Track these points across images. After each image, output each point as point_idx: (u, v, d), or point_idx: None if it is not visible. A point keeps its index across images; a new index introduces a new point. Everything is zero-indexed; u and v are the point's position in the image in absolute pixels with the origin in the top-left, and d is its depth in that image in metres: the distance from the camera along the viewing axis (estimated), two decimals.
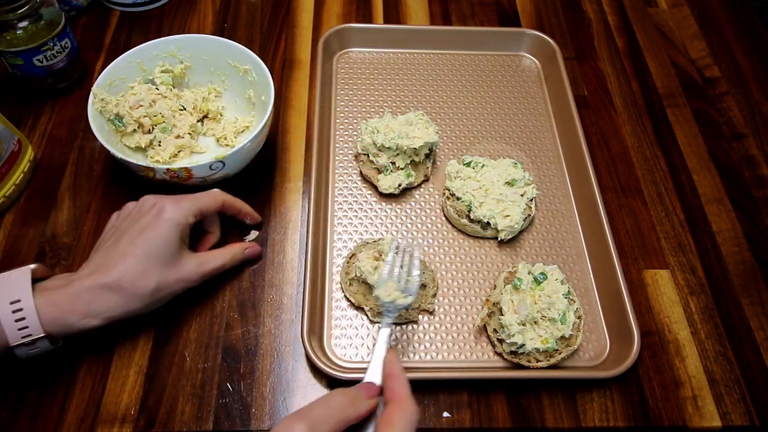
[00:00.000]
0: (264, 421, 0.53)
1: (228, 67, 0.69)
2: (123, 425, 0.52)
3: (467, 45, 0.83)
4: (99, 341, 0.56)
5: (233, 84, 0.71)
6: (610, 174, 0.72)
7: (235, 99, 0.72)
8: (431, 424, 0.54)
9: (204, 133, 0.70)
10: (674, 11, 0.92)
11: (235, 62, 0.68)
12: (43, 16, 0.67)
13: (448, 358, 0.57)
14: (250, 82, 0.68)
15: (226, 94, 0.72)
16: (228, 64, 0.69)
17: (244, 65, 0.67)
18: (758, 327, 0.61)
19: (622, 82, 0.82)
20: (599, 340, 0.60)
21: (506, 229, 0.63)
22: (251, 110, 0.70)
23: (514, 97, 0.79)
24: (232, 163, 0.60)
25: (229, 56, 0.68)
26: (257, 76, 0.66)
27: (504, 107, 0.78)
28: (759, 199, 0.71)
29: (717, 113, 0.79)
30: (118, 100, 0.64)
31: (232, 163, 0.60)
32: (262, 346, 0.57)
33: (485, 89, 0.79)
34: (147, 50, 0.67)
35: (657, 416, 0.55)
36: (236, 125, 0.70)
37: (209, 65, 0.70)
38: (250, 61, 0.66)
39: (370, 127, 0.67)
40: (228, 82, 0.71)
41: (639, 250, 0.66)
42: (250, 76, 0.67)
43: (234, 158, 0.59)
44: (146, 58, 0.67)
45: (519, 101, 0.78)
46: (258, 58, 0.65)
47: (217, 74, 0.71)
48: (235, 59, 0.68)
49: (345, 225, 0.65)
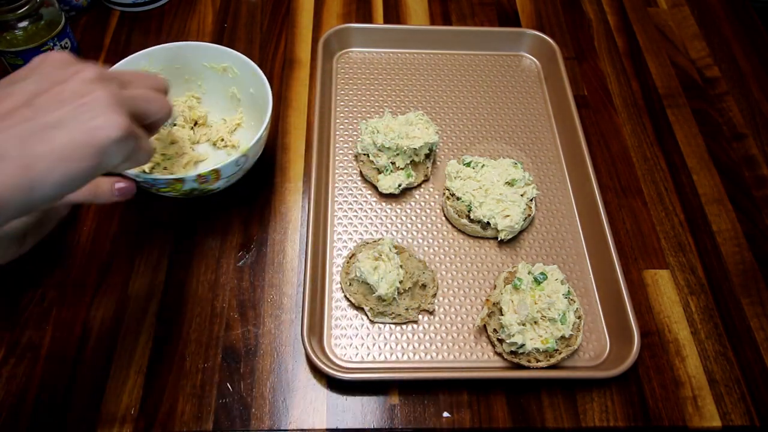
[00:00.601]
0: (264, 421, 0.53)
1: (204, 70, 0.68)
2: (123, 425, 0.52)
3: (467, 45, 0.83)
4: (99, 341, 0.56)
5: (211, 86, 0.69)
6: (610, 174, 0.72)
7: (216, 101, 0.70)
8: (431, 424, 0.54)
9: (198, 141, 0.69)
10: (674, 11, 0.92)
11: (211, 63, 0.67)
12: (43, 16, 0.67)
13: (448, 358, 0.57)
14: (231, 79, 0.67)
15: (205, 98, 0.71)
16: (203, 66, 0.68)
17: (221, 64, 0.67)
18: (758, 327, 0.61)
19: (622, 82, 0.82)
20: (599, 340, 0.60)
21: (506, 229, 0.63)
22: (237, 107, 0.70)
23: (514, 97, 0.79)
24: (254, 154, 0.60)
25: (203, 59, 0.67)
26: (239, 70, 0.66)
27: (504, 107, 0.78)
28: (759, 199, 0.71)
29: (717, 113, 0.79)
30: None
31: (254, 154, 0.60)
32: (262, 346, 0.57)
33: (485, 89, 0.79)
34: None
35: (657, 416, 0.55)
36: (228, 125, 0.69)
37: (183, 73, 0.68)
38: (229, 57, 0.65)
39: (370, 127, 0.67)
40: (206, 86, 0.70)
41: (639, 250, 0.66)
42: (230, 72, 0.67)
43: (255, 149, 0.59)
44: None
45: (519, 101, 0.78)
46: (235, 51, 0.65)
47: (192, 80, 0.69)
48: (211, 60, 0.67)
49: (345, 225, 0.65)
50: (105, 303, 0.58)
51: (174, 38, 0.81)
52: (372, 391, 0.55)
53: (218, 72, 0.68)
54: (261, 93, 0.62)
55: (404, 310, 0.58)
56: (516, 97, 0.79)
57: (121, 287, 0.59)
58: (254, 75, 0.63)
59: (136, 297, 0.59)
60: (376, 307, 0.58)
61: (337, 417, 0.53)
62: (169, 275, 0.60)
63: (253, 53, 0.80)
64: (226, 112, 0.71)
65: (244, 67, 0.65)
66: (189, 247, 0.62)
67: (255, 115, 0.67)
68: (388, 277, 0.57)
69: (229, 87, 0.68)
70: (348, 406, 0.54)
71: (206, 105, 0.71)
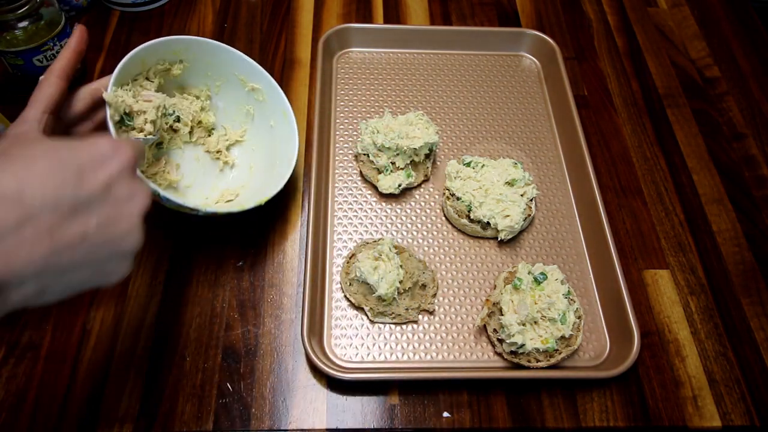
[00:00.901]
0: (264, 421, 0.53)
1: (232, 78, 0.66)
2: (123, 425, 0.52)
3: (467, 45, 0.83)
4: (99, 341, 0.56)
5: (230, 93, 0.67)
6: (610, 174, 0.72)
7: (225, 107, 0.68)
8: (431, 424, 0.54)
9: (194, 142, 0.67)
10: (674, 11, 0.92)
11: (242, 76, 0.65)
12: (43, 16, 0.67)
13: (448, 358, 0.57)
14: (255, 100, 0.66)
15: (216, 99, 0.69)
16: (234, 75, 0.66)
17: (253, 83, 0.65)
18: (758, 327, 0.61)
19: (622, 82, 0.82)
20: (599, 340, 0.60)
21: (506, 229, 0.63)
22: (245, 123, 0.68)
23: (514, 97, 0.79)
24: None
25: (238, 69, 0.65)
26: (269, 98, 0.65)
27: (504, 107, 0.78)
28: (759, 199, 0.71)
29: (717, 113, 0.79)
30: (135, 92, 0.59)
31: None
32: (262, 346, 0.57)
33: (485, 89, 0.79)
34: (154, 48, 0.61)
35: (657, 416, 0.55)
36: (228, 138, 0.68)
37: (209, 69, 0.66)
38: (267, 84, 0.64)
39: (370, 127, 0.67)
40: (224, 89, 0.67)
41: (639, 250, 0.66)
42: (258, 95, 0.65)
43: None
44: (149, 55, 0.62)
45: (519, 101, 0.78)
46: (278, 87, 0.63)
47: (213, 79, 0.67)
48: (245, 74, 0.65)
49: (345, 225, 0.65)
50: (105, 303, 0.58)
51: None
52: (372, 391, 0.55)
53: (245, 87, 0.66)
54: (285, 134, 0.62)
55: (404, 310, 0.58)
56: (516, 97, 0.79)
57: (121, 287, 0.59)
58: (285, 115, 0.63)
59: (136, 297, 0.59)
60: (376, 307, 0.58)
61: (337, 417, 0.53)
62: (169, 275, 0.60)
63: (253, 53, 0.80)
64: (230, 120, 0.69)
65: (276, 100, 0.64)
66: (189, 248, 0.62)
67: (262, 142, 0.67)
68: (388, 277, 0.57)
69: (247, 104, 0.67)
70: (348, 406, 0.54)
71: (214, 105, 0.69)
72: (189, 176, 0.65)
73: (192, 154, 0.67)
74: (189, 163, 0.66)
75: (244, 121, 0.69)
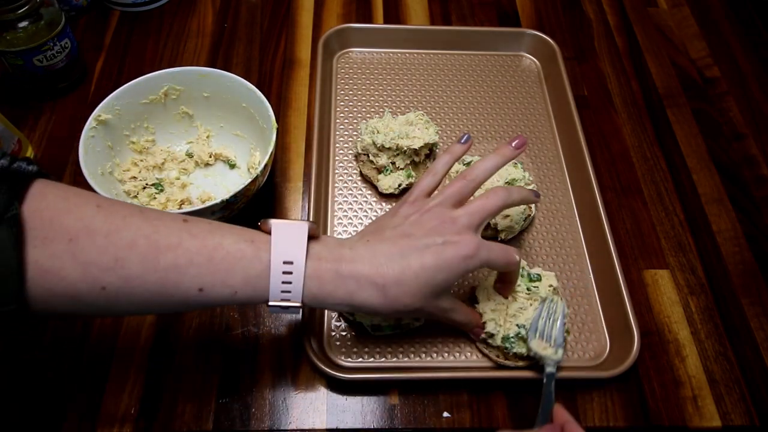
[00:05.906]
0: (264, 421, 0.53)
1: (240, 109, 0.65)
2: (123, 425, 0.52)
3: (467, 45, 0.83)
4: (99, 341, 0.56)
5: (236, 118, 0.67)
6: (610, 174, 0.72)
7: (224, 131, 0.69)
8: (431, 424, 0.54)
9: (195, 167, 0.68)
10: (674, 11, 0.92)
11: (249, 105, 0.64)
12: (43, 16, 0.67)
13: (448, 358, 0.57)
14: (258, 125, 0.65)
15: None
16: (243, 107, 0.65)
17: (256, 109, 0.64)
18: (758, 327, 0.61)
19: (622, 82, 0.82)
20: (599, 340, 0.59)
21: (506, 230, 0.63)
22: (235, 142, 0.68)
23: (514, 97, 0.79)
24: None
25: (245, 100, 0.64)
26: (258, 116, 0.63)
27: (504, 107, 0.78)
28: (759, 199, 0.71)
29: (717, 113, 0.79)
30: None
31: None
32: (262, 346, 0.57)
33: (485, 89, 0.79)
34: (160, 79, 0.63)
35: (657, 416, 0.55)
36: (207, 137, 0.69)
37: (219, 104, 0.66)
38: (261, 108, 0.62)
39: (370, 127, 0.67)
40: (231, 116, 0.67)
41: (639, 250, 0.66)
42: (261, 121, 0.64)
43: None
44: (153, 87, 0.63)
45: (519, 101, 0.78)
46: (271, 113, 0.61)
47: (222, 113, 0.67)
48: (250, 103, 0.64)
49: (345, 225, 0.65)
50: None
51: (174, 38, 0.81)
52: (372, 392, 0.55)
53: (251, 112, 0.64)
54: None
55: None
56: (516, 97, 0.79)
57: None
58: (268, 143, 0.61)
59: None
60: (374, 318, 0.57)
61: (337, 417, 0.53)
62: None
63: (253, 53, 0.80)
64: (221, 138, 0.69)
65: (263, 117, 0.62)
66: None
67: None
68: None
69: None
70: (348, 406, 0.54)
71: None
72: (212, 190, 0.66)
73: (200, 173, 0.68)
74: (201, 180, 0.67)
75: (235, 141, 0.69)
